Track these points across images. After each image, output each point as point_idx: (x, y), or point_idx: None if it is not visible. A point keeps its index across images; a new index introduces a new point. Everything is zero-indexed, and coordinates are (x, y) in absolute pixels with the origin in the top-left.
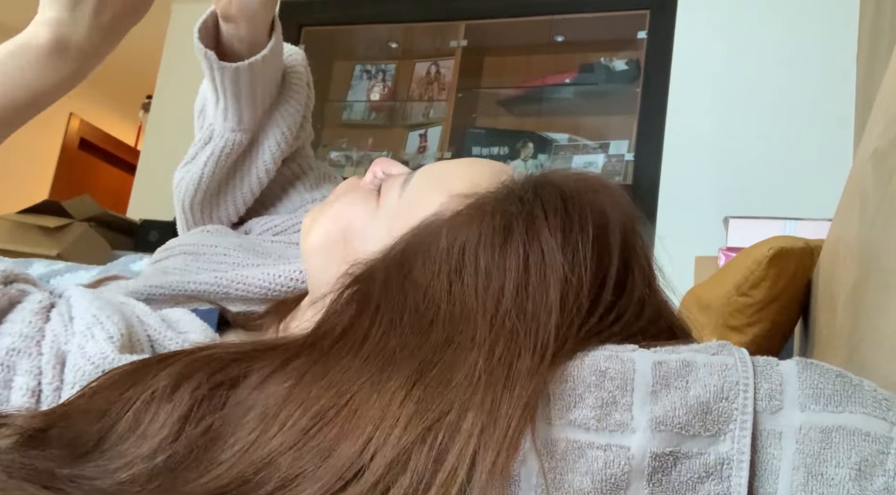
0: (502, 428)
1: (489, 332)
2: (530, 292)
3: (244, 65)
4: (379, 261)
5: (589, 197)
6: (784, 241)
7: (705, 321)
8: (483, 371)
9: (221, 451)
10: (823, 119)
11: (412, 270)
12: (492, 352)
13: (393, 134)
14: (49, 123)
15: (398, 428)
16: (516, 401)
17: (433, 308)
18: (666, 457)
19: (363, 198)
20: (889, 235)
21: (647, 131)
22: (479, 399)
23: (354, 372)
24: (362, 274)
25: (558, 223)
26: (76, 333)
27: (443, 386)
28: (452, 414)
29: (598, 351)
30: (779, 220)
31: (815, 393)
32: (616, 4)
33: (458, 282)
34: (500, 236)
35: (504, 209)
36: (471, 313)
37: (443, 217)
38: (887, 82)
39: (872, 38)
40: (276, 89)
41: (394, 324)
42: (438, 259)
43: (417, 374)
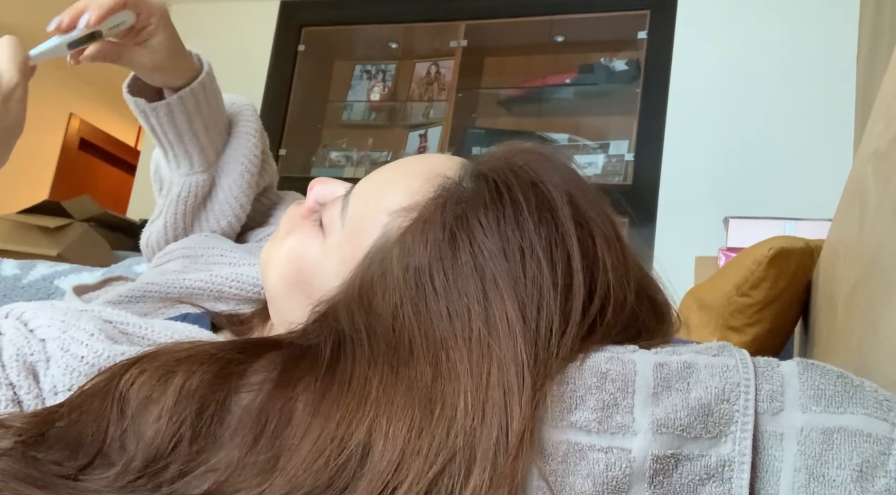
0: (511, 450)
1: (469, 359)
2: (493, 308)
3: (174, 98)
4: (340, 298)
5: (515, 174)
6: (784, 241)
7: (705, 321)
8: (478, 401)
9: (218, 467)
10: (823, 119)
11: (373, 304)
12: (479, 379)
13: (393, 134)
14: (49, 123)
15: (411, 475)
16: (517, 423)
17: (406, 340)
18: (667, 460)
19: (309, 232)
20: (889, 235)
21: (647, 131)
22: (484, 431)
23: (356, 415)
24: (327, 312)
25: (492, 220)
26: (47, 340)
27: (447, 426)
28: (462, 453)
29: (598, 352)
30: (779, 221)
31: (816, 395)
32: (616, 4)
33: (424, 308)
34: (449, 250)
35: (445, 219)
36: (446, 340)
37: (391, 239)
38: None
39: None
40: (223, 130)
41: (372, 362)
42: (397, 288)
43: (420, 417)
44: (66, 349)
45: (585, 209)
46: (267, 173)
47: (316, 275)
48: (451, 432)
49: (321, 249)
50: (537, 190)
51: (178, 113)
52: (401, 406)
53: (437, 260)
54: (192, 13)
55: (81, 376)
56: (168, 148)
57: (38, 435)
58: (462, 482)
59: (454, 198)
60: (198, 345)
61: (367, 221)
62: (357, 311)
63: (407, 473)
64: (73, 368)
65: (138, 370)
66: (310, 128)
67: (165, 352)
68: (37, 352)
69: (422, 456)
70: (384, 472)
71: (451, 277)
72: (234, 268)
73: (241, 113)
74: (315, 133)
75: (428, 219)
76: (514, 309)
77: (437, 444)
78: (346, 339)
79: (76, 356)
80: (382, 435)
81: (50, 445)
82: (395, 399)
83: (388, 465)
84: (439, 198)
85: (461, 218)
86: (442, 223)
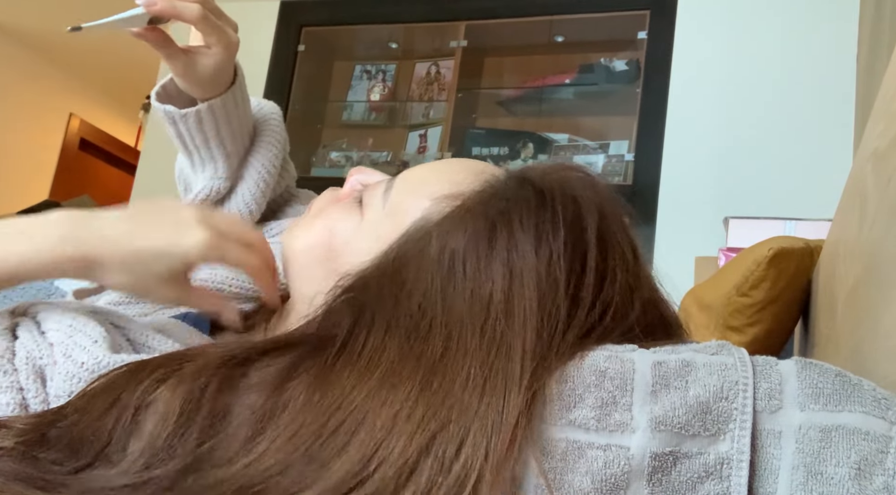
0: (504, 435)
1: (480, 340)
2: (514, 298)
3: (203, 106)
4: (372, 270)
5: (561, 188)
6: (784, 242)
7: (705, 321)
8: (479, 379)
9: (221, 463)
10: (823, 119)
11: (406, 279)
12: (485, 360)
13: (393, 134)
14: (49, 123)
15: (403, 439)
16: (513, 408)
17: (429, 316)
18: (666, 457)
19: (346, 210)
20: (889, 235)
21: (647, 131)
22: (480, 408)
23: (356, 386)
24: (354, 284)
25: (532, 222)
26: (55, 344)
27: (444, 397)
28: (455, 424)
29: (597, 351)
30: (779, 221)
31: (815, 393)
32: (616, 5)
33: (451, 287)
34: (485, 241)
35: (487, 211)
36: (463, 321)
37: (431, 221)
38: (887, 82)
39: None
40: (247, 138)
41: (390, 334)
42: (430, 266)
43: (420, 387)
44: (68, 355)
45: (612, 232)
46: (284, 179)
47: (346, 251)
48: (447, 402)
49: (356, 226)
50: (576, 206)
51: (207, 120)
52: (405, 376)
53: (474, 246)
54: None
55: (81, 382)
56: (194, 152)
57: (38, 436)
58: (453, 455)
59: (499, 194)
60: (205, 349)
61: (408, 204)
62: (388, 285)
63: (399, 438)
64: (73, 374)
65: (147, 374)
66: (310, 128)
67: (173, 357)
68: (46, 356)
69: (414, 421)
70: (376, 436)
71: (483, 264)
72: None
73: (268, 121)
74: (315, 133)
75: (470, 208)
76: (532, 303)
77: (432, 413)
78: (368, 311)
79: (77, 362)
80: (380, 402)
81: (50, 446)
82: (402, 371)
83: (381, 429)
84: (484, 192)
85: (504, 213)
86: (484, 213)
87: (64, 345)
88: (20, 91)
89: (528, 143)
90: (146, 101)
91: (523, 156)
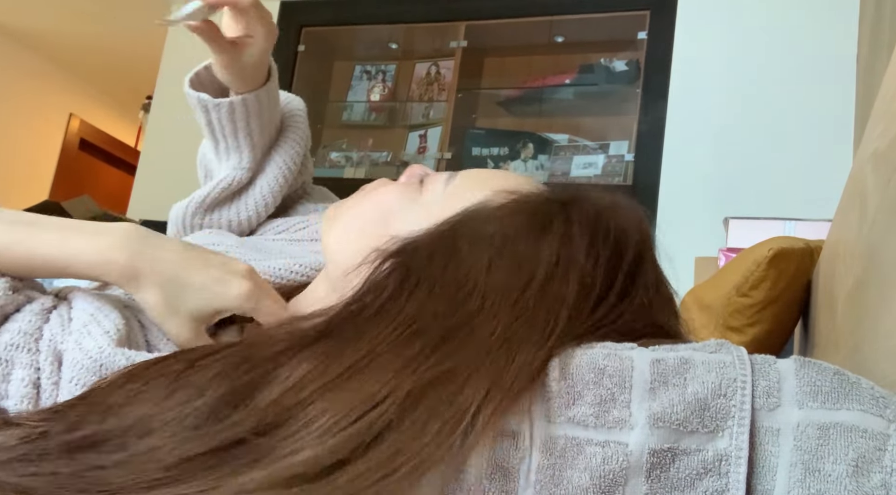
0: (508, 385)
1: (512, 308)
2: (554, 282)
3: (237, 99)
4: (424, 237)
5: (616, 215)
6: (784, 242)
7: (705, 321)
8: (500, 338)
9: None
10: (823, 119)
11: (459, 249)
12: (510, 323)
13: (393, 134)
14: (49, 123)
15: (417, 374)
16: (523, 365)
17: (470, 285)
18: (664, 454)
19: (404, 187)
20: (889, 235)
21: (647, 132)
22: (492, 357)
23: (381, 341)
24: (404, 248)
25: (588, 231)
26: (73, 332)
27: (463, 346)
28: (466, 368)
29: (596, 348)
30: (779, 221)
31: (813, 391)
32: (616, 5)
33: (497, 262)
34: (539, 230)
35: (545, 208)
36: (500, 291)
37: (489, 206)
38: (887, 82)
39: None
40: (274, 132)
41: (432, 297)
42: (483, 241)
43: (442, 338)
44: (79, 342)
45: (644, 268)
46: (302, 175)
47: (396, 220)
48: (463, 351)
49: (412, 201)
50: (623, 235)
51: (240, 112)
52: (433, 329)
53: (527, 230)
54: None
55: (83, 369)
56: (221, 141)
57: (47, 432)
58: (458, 388)
59: (556, 199)
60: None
61: (469, 192)
62: (439, 252)
63: (411, 373)
64: (78, 361)
65: (157, 372)
66: (310, 128)
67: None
68: (66, 341)
69: (429, 361)
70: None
71: (533, 246)
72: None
73: (294, 117)
74: (315, 133)
75: (529, 201)
76: (572, 288)
77: (447, 355)
78: (414, 275)
79: (84, 350)
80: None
81: (60, 441)
82: (432, 326)
83: (397, 366)
84: (542, 193)
85: (560, 214)
86: (541, 207)
87: (78, 333)
88: (20, 91)
89: (528, 144)
90: (146, 101)
91: (523, 156)
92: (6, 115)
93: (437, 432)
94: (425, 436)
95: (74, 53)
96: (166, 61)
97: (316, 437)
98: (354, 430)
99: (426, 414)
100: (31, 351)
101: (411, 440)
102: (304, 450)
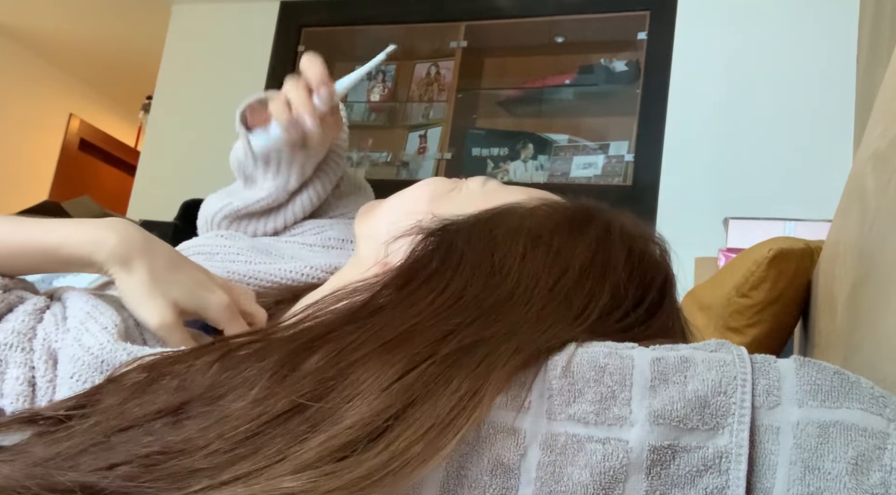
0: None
1: (548, 293)
2: (590, 278)
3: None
4: (465, 220)
5: (648, 243)
6: (784, 242)
7: (705, 322)
8: (535, 316)
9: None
10: (823, 119)
11: (496, 235)
12: (543, 306)
13: (393, 135)
14: (49, 124)
15: (456, 340)
16: (552, 339)
17: (506, 269)
18: (664, 451)
19: (446, 180)
20: (889, 235)
21: (647, 132)
22: (526, 329)
23: (428, 315)
24: (446, 227)
25: (626, 245)
26: (69, 329)
27: (499, 321)
28: (501, 335)
29: (597, 347)
30: (779, 221)
31: (813, 390)
32: (616, 5)
33: (532, 252)
34: (576, 230)
35: (582, 214)
36: (536, 276)
37: (525, 206)
38: (887, 82)
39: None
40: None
41: (475, 275)
42: (520, 231)
43: (481, 313)
44: (78, 339)
45: (670, 298)
46: (343, 184)
47: (439, 202)
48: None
49: (456, 190)
50: (653, 260)
51: (300, 156)
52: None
53: (565, 227)
54: (192, 13)
55: (84, 365)
56: (273, 163)
57: (61, 425)
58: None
59: (591, 210)
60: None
61: (506, 192)
62: (477, 235)
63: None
64: (79, 357)
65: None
66: None
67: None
68: (61, 340)
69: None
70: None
71: (570, 241)
72: (251, 265)
73: (338, 138)
74: None
75: (565, 207)
76: (604, 292)
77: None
78: (457, 252)
79: (84, 346)
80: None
81: (74, 435)
82: (469, 306)
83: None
84: (577, 204)
85: (597, 220)
86: (581, 215)
87: (76, 330)
88: (20, 91)
89: (528, 144)
90: (146, 101)
91: (523, 156)
92: (6, 114)
93: (464, 392)
94: (457, 394)
95: (74, 53)
96: (166, 61)
97: (363, 398)
98: (398, 388)
99: (460, 375)
100: (26, 350)
101: (444, 399)
102: (353, 413)
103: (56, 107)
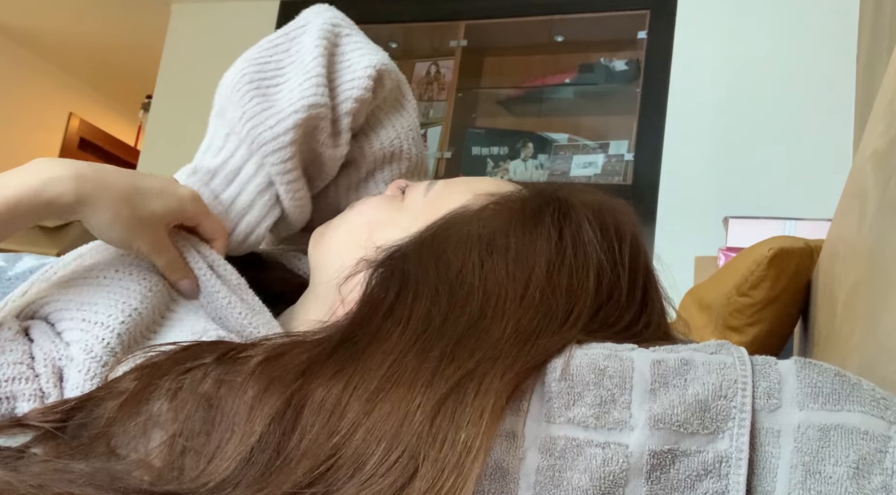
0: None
1: (520, 302)
2: (562, 272)
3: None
4: (410, 243)
5: (612, 209)
6: (784, 242)
7: (705, 321)
8: (513, 333)
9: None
10: (823, 119)
11: (445, 251)
12: (520, 319)
13: None
14: (49, 123)
15: (442, 382)
16: (535, 355)
17: (466, 284)
18: (664, 455)
19: (385, 199)
20: (889, 235)
21: (647, 131)
22: (509, 354)
23: (402, 350)
24: (392, 256)
25: (595, 221)
26: (72, 343)
27: (479, 347)
28: (485, 366)
29: (597, 349)
30: (778, 220)
31: (814, 392)
32: (616, 4)
33: (489, 260)
34: (531, 222)
35: (532, 204)
36: (501, 287)
37: (471, 209)
38: (887, 82)
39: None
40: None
41: (436, 298)
42: (471, 240)
43: (458, 340)
44: (89, 350)
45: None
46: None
47: (382, 227)
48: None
49: (396, 209)
50: (620, 233)
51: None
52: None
53: (519, 225)
54: (192, 13)
55: (91, 372)
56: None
57: (57, 430)
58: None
59: (543, 195)
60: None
61: (450, 196)
62: (427, 255)
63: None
64: (88, 367)
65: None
66: None
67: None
68: (64, 356)
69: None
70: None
71: (527, 242)
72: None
73: None
74: None
75: (512, 200)
76: (591, 274)
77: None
78: (412, 279)
79: (92, 354)
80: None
81: (70, 438)
82: (444, 332)
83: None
84: (522, 192)
85: (550, 207)
86: (531, 205)
87: (82, 343)
88: (20, 91)
89: (528, 143)
90: (146, 101)
91: (523, 155)
92: (6, 114)
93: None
94: (457, 446)
95: (74, 53)
96: (166, 61)
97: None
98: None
99: (453, 425)
100: (30, 379)
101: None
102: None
103: (56, 106)
